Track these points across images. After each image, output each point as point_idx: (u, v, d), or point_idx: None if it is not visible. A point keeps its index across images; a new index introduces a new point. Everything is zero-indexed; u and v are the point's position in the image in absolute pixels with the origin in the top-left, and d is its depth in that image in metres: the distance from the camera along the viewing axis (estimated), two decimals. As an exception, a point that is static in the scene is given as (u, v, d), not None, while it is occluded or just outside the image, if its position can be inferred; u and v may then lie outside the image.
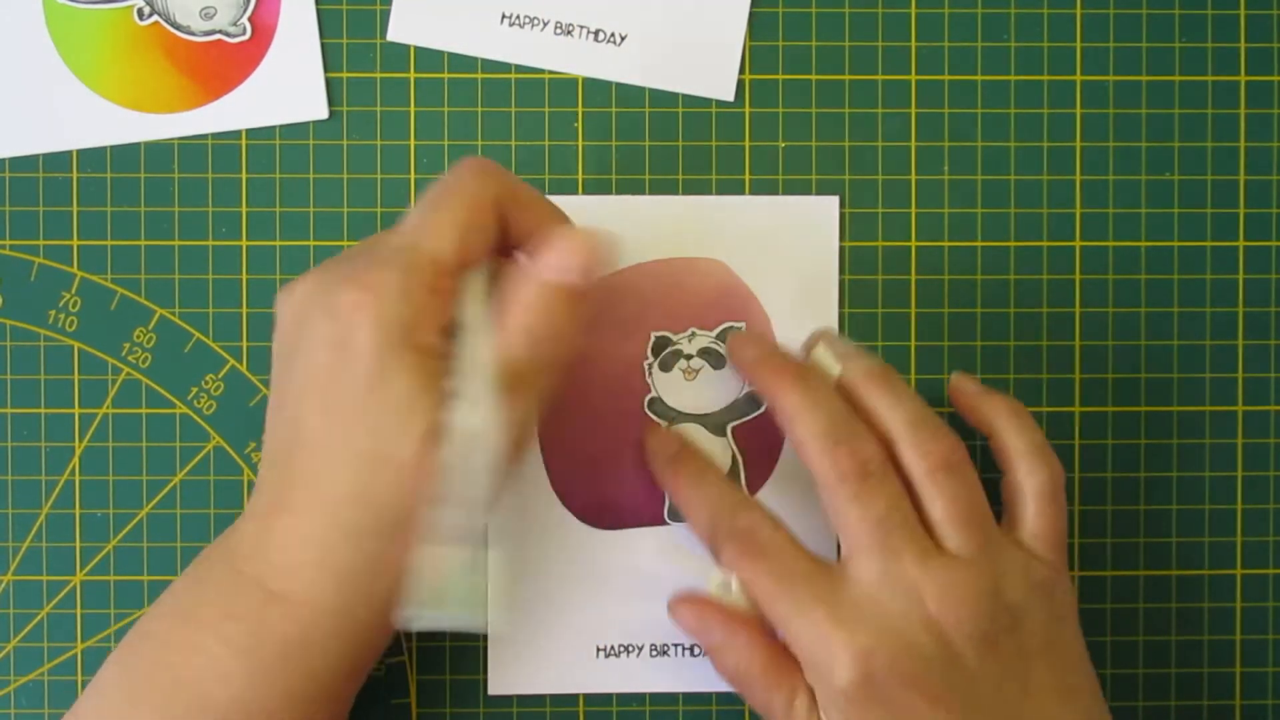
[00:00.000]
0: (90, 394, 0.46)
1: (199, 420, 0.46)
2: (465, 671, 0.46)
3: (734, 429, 0.46)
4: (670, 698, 0.46)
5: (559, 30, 0.46)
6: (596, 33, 0.46)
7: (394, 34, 0.46)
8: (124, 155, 0.46)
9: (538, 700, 0.46)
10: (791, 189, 0.47)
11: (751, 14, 0.47)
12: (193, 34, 0.46)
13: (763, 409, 0.46)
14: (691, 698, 0.46)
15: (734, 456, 0.46)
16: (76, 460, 0.46)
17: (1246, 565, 0.47)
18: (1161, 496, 0.47)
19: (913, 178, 0.47)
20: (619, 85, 0.47)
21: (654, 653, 0.46)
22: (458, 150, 0.47)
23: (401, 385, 0.36)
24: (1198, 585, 0.47)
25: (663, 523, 0.46)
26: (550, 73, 0.47)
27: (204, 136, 0.46)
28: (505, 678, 0.46)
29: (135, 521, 0.46)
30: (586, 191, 0.46)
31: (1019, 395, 0.47)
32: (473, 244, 0.37)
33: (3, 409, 0.46)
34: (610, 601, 0.46)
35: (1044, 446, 0.42)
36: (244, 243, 0.46)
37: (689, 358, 0.46)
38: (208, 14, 0.46)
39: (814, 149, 0.47)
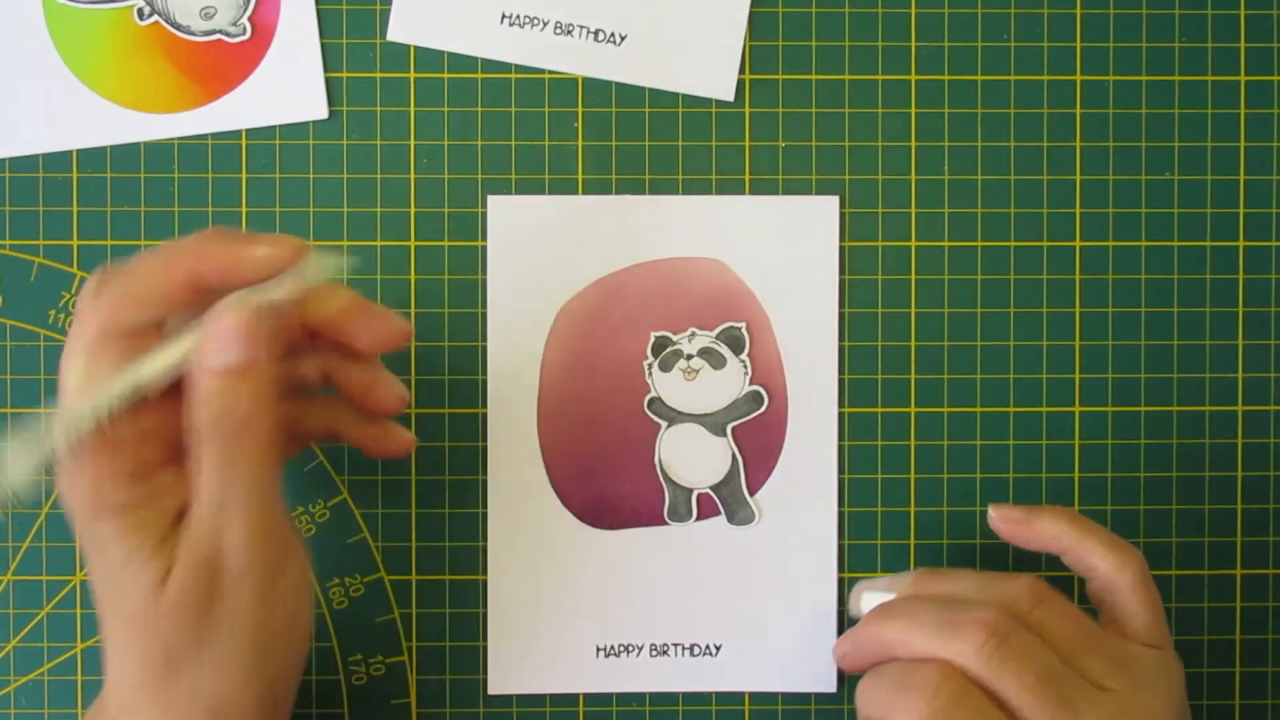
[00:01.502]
0: (90, 394, 0.46)
1: (199, 420, 0.46)
2: (465, 672, 0.46)
3: (734, 429, 0.46)
4: (670, 697, 0.46)
5: (559, 30, 0.46)
6: (596, 33, 0.46)
7: (394, 34, 0.46)
8: (124, 155, 0.46)
9: (537, 700, 0.46)
10: (791, 189, 0.47)
11: (751, 14, 0.47)
12: (193, 34, 0.46)
13: (763, 408, 0.46)
14: (691, 698, 0.46)
15: (734, 457, 0.46)
16: (76, 460, 0.46)
17: (1246, 565, 0.47)
18: (1161, 496, 0.47)
19: (913, 178, 0.47)
20: (619, 85, 0.47)
21: (654, 652, 0.46)
22: (458, 150, 0.46)
23: (114, 550, 0.36)
24: (1198, 585, 0.47)
25: (662, 522, 0.46)
26: (550, 73, 0.47)
27: (204, 136, 0.46)
28: (506, 678, 0.46)
29: (135, 521, 0.46)
30: (586, 192, 0.46)
31: (1019, 396, 0.47)
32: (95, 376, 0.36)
33: (3, 409, 0.46)
34: (611, 601, 0.46)
35: (1115, 538, 0.42)
36: (244, 243, 0.46)
37: (689, 357, 0.46)
38: (208, 14, 0.46)
39: (814, 149, 0.47)
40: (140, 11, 0.46)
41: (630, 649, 0.46)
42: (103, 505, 0.36)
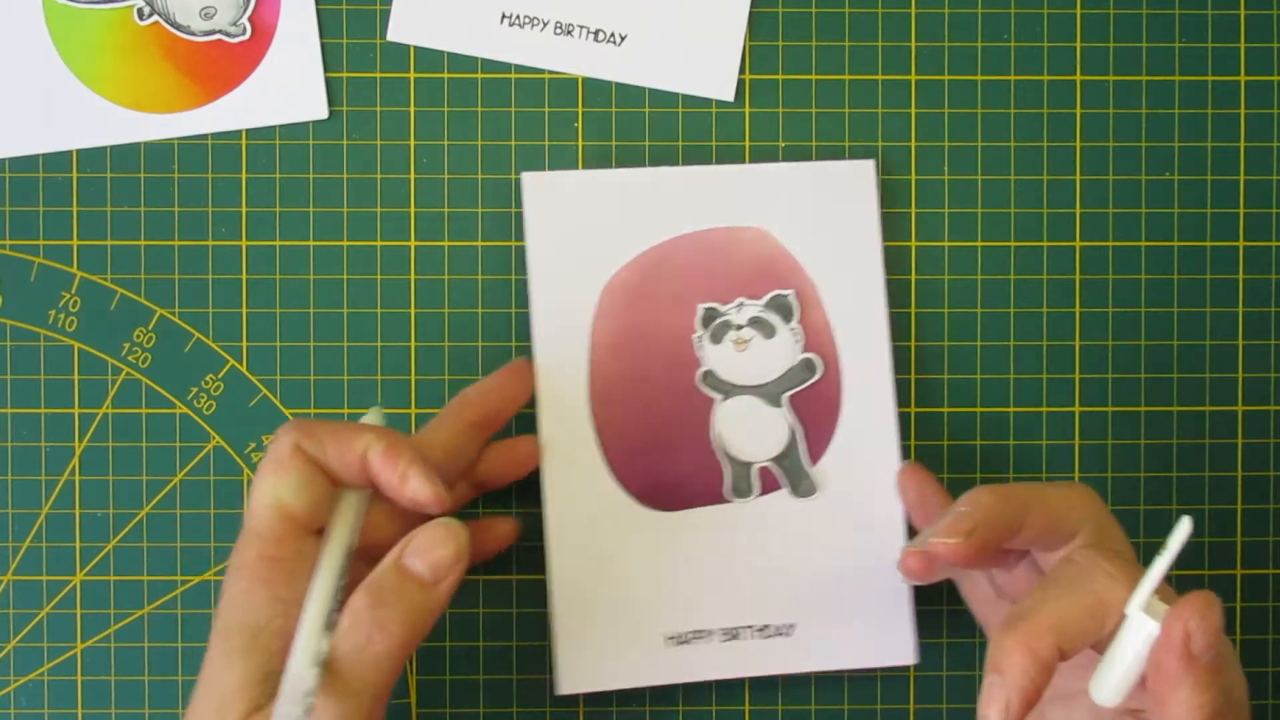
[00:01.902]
0: (90, 394, 0.46)
1: (199, 420, 0.46)
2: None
3: (790, 398, 0.46)
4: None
5: (559, 30, 0.46)
6: (596, 33, 0.46)
7: (394, 34, 0.46)
8: (124, 155, 0.46)
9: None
10: (791, 189, 0.47)
11: (751, 14, 0.47)
12: (193, 34, 0.46)
13: (817, 376, 0.45)
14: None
15: (792, 427, 0.45)
16: (76, 460, 0.46)
17: (1246, 565, 0.47)
18: (1162, 496, 0.47)
19: (913, 178, 0.47)
20: (619, 85, 0.47)
21: (725, 636, 0.45)
22: (458, 150, 0.47)
23: (224, 673, 0.36)
24: (1198, 585, 0.47)
25: (725, 500, 0.45)
26: (550, 73, 0.47)
27: (204, 136, 0.46)
28: (575, 675, 0.44)
29: (135, 521, 0.46)
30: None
31: (1019, 396, 0.47)
32: (288, 504, 0.37)
33: (3, 409, 0.46)
34: (678, 587, 0.45)
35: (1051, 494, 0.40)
36: (244, 243, 0.46)
37: (739, 328, 0.45)
38: (208, 14, 0.46)
39: (814, 149, 0.47)
40: (140, 11, 0.46)
41: (701, 635, 0.45)
42: (248, 621, 0.37)
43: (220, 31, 0.46)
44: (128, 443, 0.46)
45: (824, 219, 0.45)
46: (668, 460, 0.45)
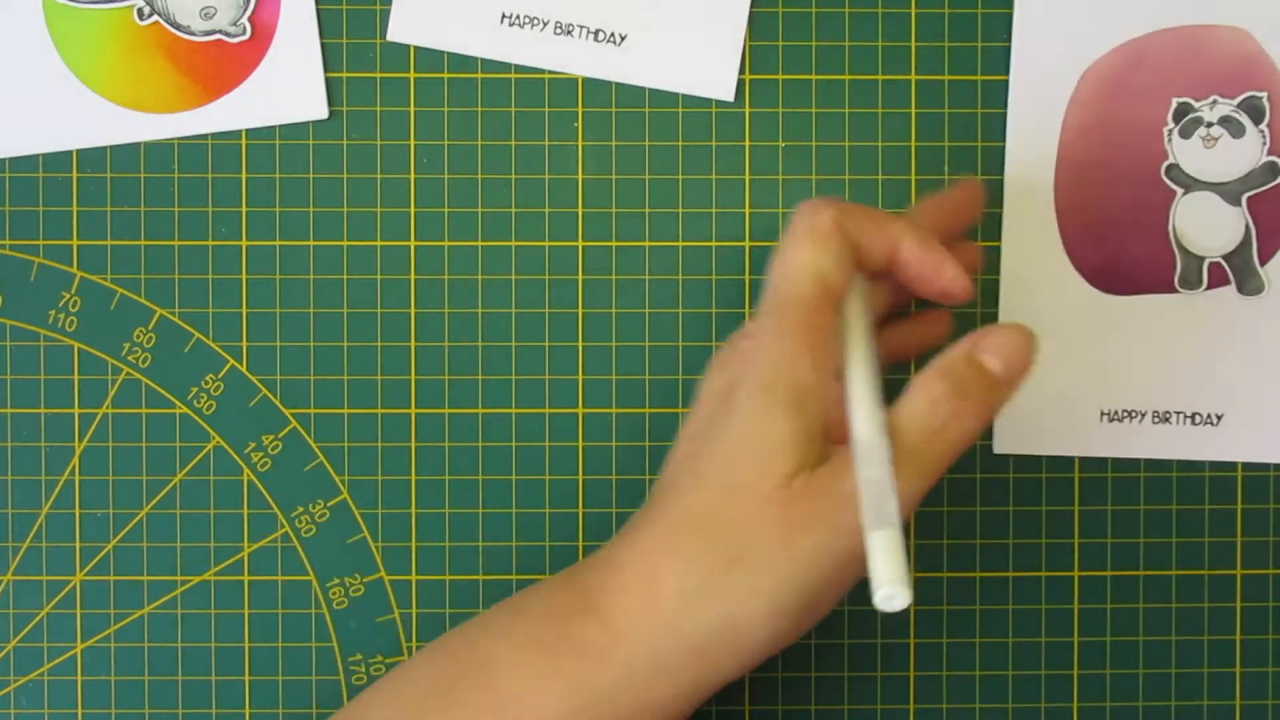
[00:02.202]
0: (90, 394, 0.46)
1: (199, 420, 0.46)
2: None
3: (1249, 199, 0.46)
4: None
5: (559, 30, 0.46)
6: (596, 33, 0.46)
7: (394, 34, 0.46)
8: (124, 155, 0.46)
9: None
10: (791, 189, 0.47)
11: (751, 14, 0.47)
12: (193, 34, 0.46)
13: (1279, 179, 0.46)
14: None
15: (1247, 226, 0.46)
16: (76, 460, 0.46)
17: (1246, 565, 0.47)
18: (1161, 497, 0.47)
19: (913, 178, 0.47)
20: (619, 85, 0.47)
21: (1156, 419, 0.46)
22: (458, 150, 0.47)
23: (771, 426, 0.36)
24: (1198, 585, 0.47)
25: (1173, 290, 0.46)
26: (550, 73, 0.47)
27: (204, 136, 0.46)
28: (1012, 439, 0.46)
29: (135, 521, 0.46)
30: (586, 191, 0.46)
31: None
32: (829, 275, 0.37)
33: (3, 409, 0.46)
34: (1117, 366, 0.46)
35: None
36: (244, 243, 0.46)
37: (1209, 125, 0.46)
38: (208, 14, 0.46)
39: (814, 149, 0.47)
40: (140, 11, 0.46)
41: (1133, 415, 0.46)
42: (795, 380, 0.36)
43: (220, 31, 0.46)
44: (128, 443, 0.46)
45: None
46: (1123, 246, 0.46)
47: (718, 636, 0.36)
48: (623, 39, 0.46)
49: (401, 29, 0.46)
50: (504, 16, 0.46)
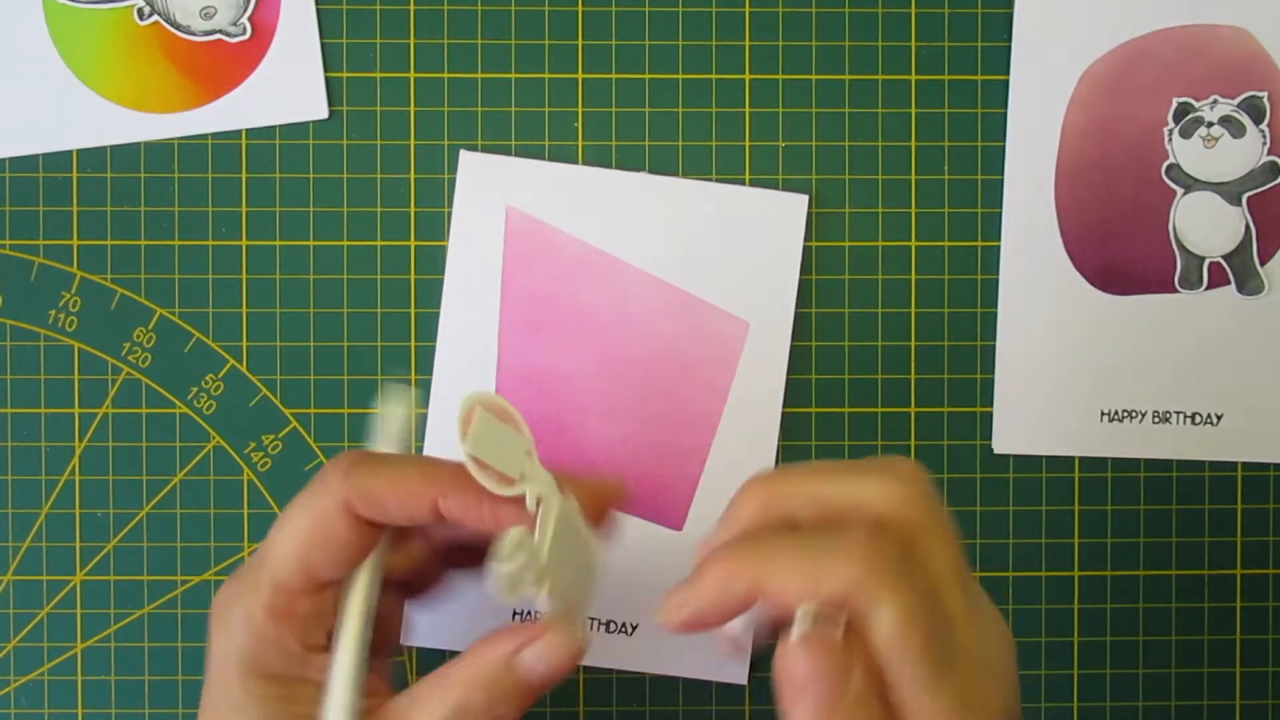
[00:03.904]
0: (90, 394, 0.46)
1: (199, 420, 0.46)
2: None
3: (1249, 199, 0.46)
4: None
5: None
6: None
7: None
8: (124, 155, 0.46)
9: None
10: (792, 189, 0.47)
11: (751, 14, 0.47)
12: (193, 34, 0.46)
13: (1279, 179, 0.46)
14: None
15: (1247, 226, 0.46)
16: (76, 460, 0.46)
17: (1246, 565, 0.47)
18: (1161, 497, 0.47)
19: (913, 178, 0.47)
20: (619, 83, 0.47)
21: (1156, 419, 0.46)
22: (458, 150, 0.46)
23: (242, 717, 0.34)
24: (1198, 585, 0.47)
25: (1173, 290, 0.46)
26: (550, 73, 0.47)
27: (204, 136, 0.46)
28: (1012, 438, 0.46)
29: (135, 521, 0.46)
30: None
31: (1019, 395, 0.47)
32: (317, 562, 0.34)
33: (3, 409, 0.46)
34: (1117, 366, 0.46)
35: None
36: (244, 243, 0.46)
37: (1209, 125, 0.46)
38: (208, 14, 0.46)
39: (814, 149, 0.47)
40: (140, 11, 0.46)
41: (1133, 415, 0.46)
42: (263, 667, 0.34)
43: (220, 31, 0.46)
44: (128, 443, 0.46)
45: None
46: (1123, 247, 0.46)
47: None
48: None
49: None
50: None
